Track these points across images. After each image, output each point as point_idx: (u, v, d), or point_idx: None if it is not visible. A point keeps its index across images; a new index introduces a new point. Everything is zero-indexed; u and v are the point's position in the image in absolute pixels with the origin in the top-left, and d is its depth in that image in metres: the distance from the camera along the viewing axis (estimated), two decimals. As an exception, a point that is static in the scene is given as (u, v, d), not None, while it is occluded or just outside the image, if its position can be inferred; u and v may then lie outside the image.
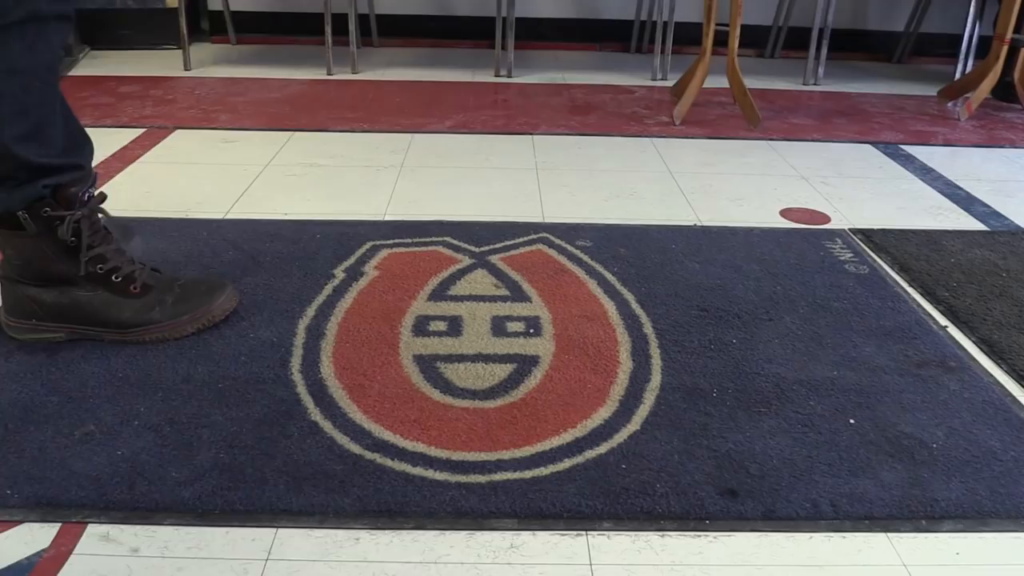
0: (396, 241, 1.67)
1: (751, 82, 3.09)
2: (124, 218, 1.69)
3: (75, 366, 1.24)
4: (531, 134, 2.41)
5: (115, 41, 3.42)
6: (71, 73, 3.04)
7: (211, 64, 3.20)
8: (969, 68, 3.24)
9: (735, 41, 2.53)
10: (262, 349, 1.29)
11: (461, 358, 1.28)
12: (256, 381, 1.21)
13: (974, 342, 1.41)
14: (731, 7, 2.49)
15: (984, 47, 3.18)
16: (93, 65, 3.18)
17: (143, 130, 2.40)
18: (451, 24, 3.61)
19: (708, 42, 2.55)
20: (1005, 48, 2.79)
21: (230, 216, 1.81)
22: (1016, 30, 2.79)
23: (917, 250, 1.74)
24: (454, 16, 3.61)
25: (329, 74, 3.04)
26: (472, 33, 3.54)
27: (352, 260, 1.59)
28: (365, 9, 3.48)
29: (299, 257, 1.60)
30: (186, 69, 3.09)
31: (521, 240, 1.68)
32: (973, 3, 3.14)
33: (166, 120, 2.48)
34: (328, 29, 3.01)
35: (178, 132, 2.39)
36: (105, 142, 2.27)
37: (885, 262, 1.68)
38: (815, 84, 3.15)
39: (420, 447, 1.08)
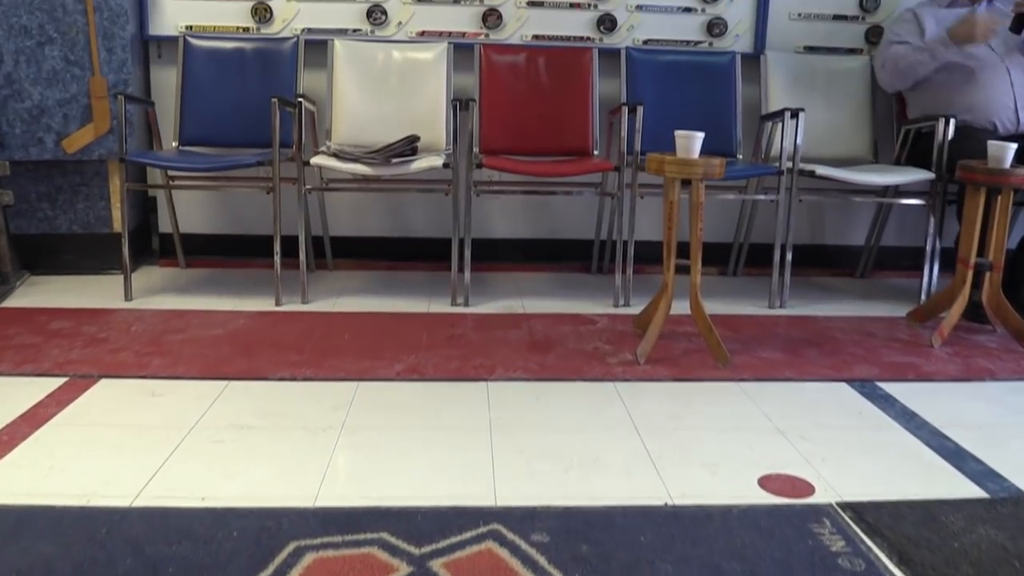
0: (324, 540, 1.45)
1: (715, 306, 3.01)
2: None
3: None
4: (486, 380, 2.25)
5: (57, 266, 3.29)
6: (3, 304, 2.87)
7: (155, 292, 3.06)
8: (934, 282, 3.18)
9: (697, 276, 2.44)
10: None
11: None
12: None
13: (1000, 673, 1.19)
14: (691, 241, 2.42)
15: (946, 259, 3.16)
16: (30, 294, 3.03)
17: (65, 379, 2.20)
18: (408, 246, 3.54)
19: (669, 276, 2.45)
20: (970, 273, 2.74)
21: (138, 503, 1.58)
22: (979, 252, 2.75)
23: (915, 531, 1.55)
24: (411, 238, 3.55)
25: (278, 304, 2.90)
26: (430, 254, 3.47)
27: (270, 570, 1.36)
28: (319, 231, 3.40)
29: (209, 566, 1.37)
30: (127, 300, 2.94)
31: (469, 535, 1.47)
32: (932, 221, 3.12)
33: (92, 367, 2.29)
34: (277, 260, 2.90)
35: (103, 382, 2.19)
36: (20, 397, 2.07)
37: (882, 551, 1.48)
38: (781, 307, 3.07)
39: None
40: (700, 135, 2.34)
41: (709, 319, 2.44)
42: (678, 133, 2.35)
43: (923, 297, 3.14)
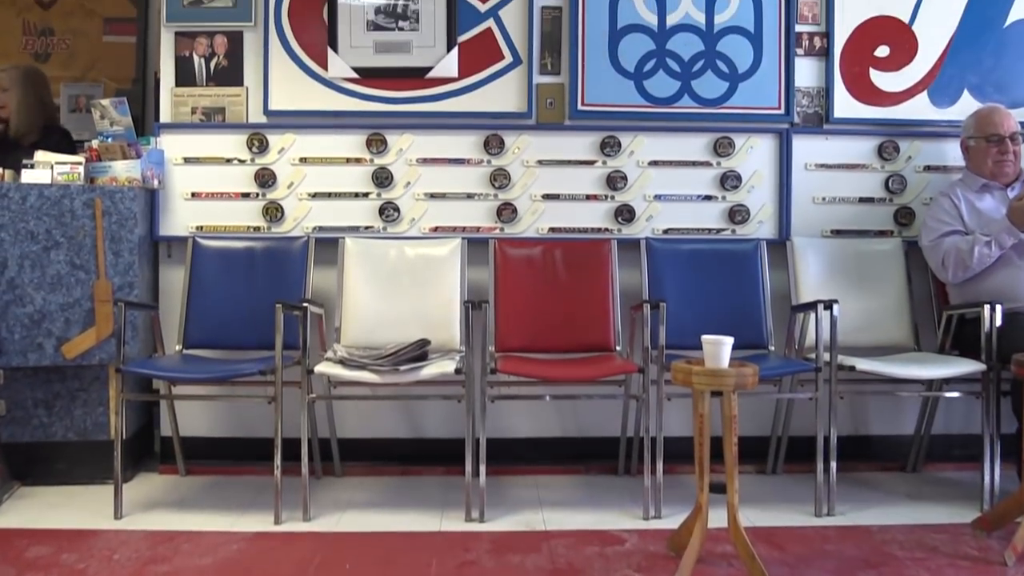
0: None
1: (755, 513, 2.74)
2: None
3: None
4: (500, 629, 1.98)
5: (51, 476, 3.10)
6: (-13, 524, 2.67)
7: (149, 506, 2.85)
8: (997, 479, 2.88)
9: (734, 496, 2.19)
10: None
11: None
12: None
13: None
14: (725, 457, 2.19)
15: (1007, 445, 2.89)
16: (16, 510, 2.84)
17: (28, 631, 1.97)
18: (422, 447, 3.32)
19: (703, 497, 2.21)
20: (1039, 476, 2.47)
21: None
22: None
23: None
24: (425, 439, 3.34)
25: (277, 523, 2.66)
26: (445, 456, 3.22)
27: None
28: (326, 432, 3.20)
29: None
30: (117, 517, 2.73)
31: None
32: (987, 417, 2.86)
33: (60, 613, 2.06)
34: (278, 475, 2.69)
35: (67, 637, 1.96)
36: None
37: None
38: (828, 515, 2.78)
39: None
40: (729, 341, 2.16)
41: (750, 542, 2.17)
42: (705, 339, 2.18)
43: (985, 496, 2.84)
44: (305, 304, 2.82)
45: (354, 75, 3.28)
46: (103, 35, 4.00)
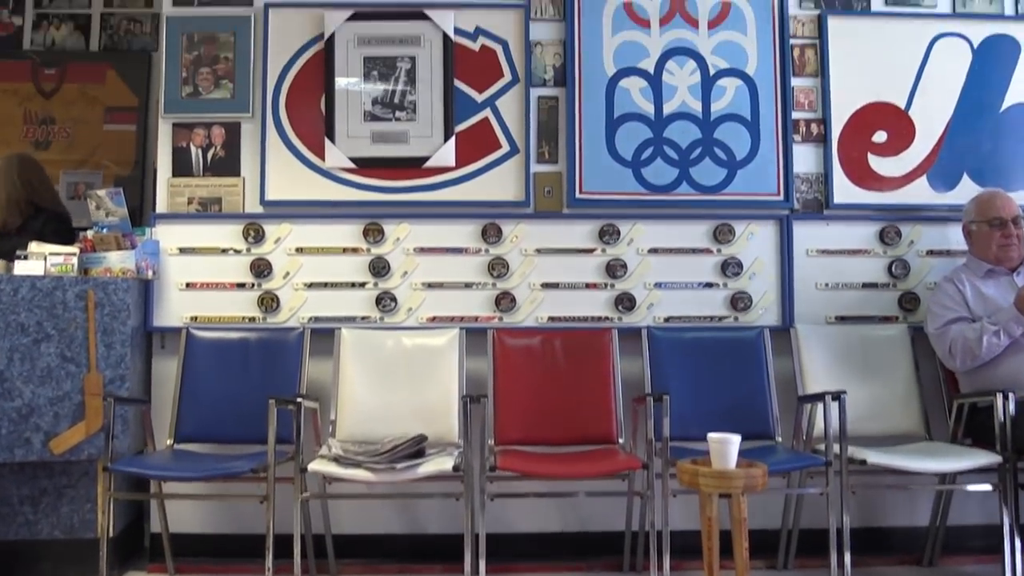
0: None
1: (768, 617, 2.62)
2: None
3: None
4: None
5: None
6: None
7: (133, 614, 2.74)
8: (1019, 569, 2.76)
9: (746, 604, 2.10)
10: None
11: None
12: None
13: None
14: (736, 562, 2.10)
15: (1025, 537, 2.78)
16: (-3, 614, 2.72)
17: None
18: (420, 544, 3.21)
19: (714, 605, 2.11)
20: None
21: None
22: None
23: None
24: (423, 535, 3.22)
25: (266, 631, 2.56)
26: (445, 553, 3.10)
27: None
28: (321, 528, 3.10)
29: None
30: (98, 630, 2.61)
31: None
32: (1006, 511, 2.76)
33: None
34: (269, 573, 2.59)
35: None
36: None
37: None
38: (844, 615, 2.67)
39: None
40: (736, 440, 2.10)
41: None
42: (711, 438, 2.11)
43: (1008, 592, 2.73)
44: (299, 400, 2.75)
45: (351, 165, 3.28)
46: (104, 123, 4.01)
